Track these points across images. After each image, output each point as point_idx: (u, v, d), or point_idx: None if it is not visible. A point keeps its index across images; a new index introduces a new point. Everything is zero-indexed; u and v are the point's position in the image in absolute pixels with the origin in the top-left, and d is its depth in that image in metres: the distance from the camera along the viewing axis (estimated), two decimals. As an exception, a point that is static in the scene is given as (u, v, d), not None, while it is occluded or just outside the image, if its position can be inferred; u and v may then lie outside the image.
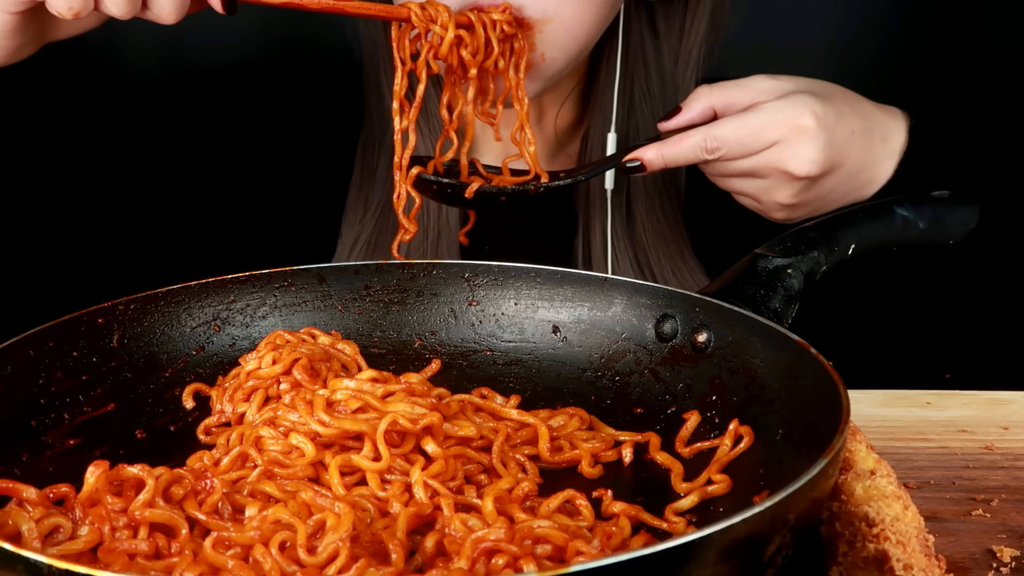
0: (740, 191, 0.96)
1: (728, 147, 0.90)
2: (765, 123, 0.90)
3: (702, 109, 0.94)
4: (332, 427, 0.64)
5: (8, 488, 0.57)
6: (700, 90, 0.95)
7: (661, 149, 0.92)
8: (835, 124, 0.91)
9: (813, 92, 0.92)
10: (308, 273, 0.82)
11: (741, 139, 0.90)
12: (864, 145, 0.93)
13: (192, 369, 0.78)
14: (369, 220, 1.11)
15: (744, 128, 0.90)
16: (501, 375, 0.79)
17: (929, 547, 0.57)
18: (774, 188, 0.93)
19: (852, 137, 0.92)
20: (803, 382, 0.65)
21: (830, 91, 0.94)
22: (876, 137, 0.94)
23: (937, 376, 0.92)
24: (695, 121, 0.94)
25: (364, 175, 1.13)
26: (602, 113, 1.11)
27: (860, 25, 0.97)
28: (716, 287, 0.78)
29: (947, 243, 0.91)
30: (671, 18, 1.11)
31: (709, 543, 0.47)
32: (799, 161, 0.90)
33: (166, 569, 0.54)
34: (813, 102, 0.90)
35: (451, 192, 0.92)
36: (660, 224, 1.12)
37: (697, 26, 1.11)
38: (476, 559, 0.53)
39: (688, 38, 1.11)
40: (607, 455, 0.69)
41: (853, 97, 0.96)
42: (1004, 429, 0.80)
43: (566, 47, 0.97)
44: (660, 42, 1.11)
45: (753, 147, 0.90)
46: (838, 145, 0.91)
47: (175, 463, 0.62)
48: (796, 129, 0.89)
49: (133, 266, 1.13)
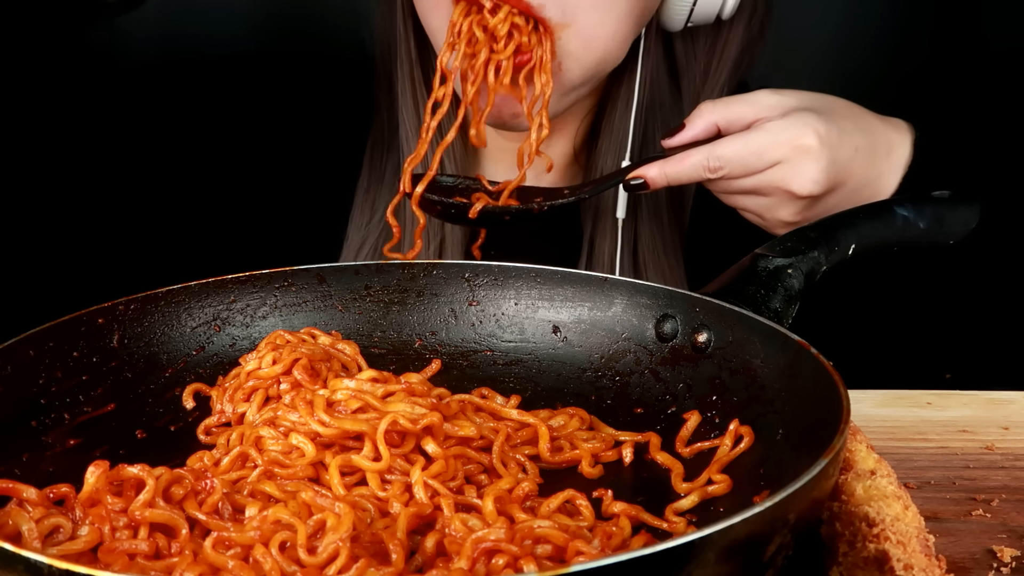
0: (743, 207, 0.96)
1: (730, 166, 0.90)
2: (768, 143, 0.90)
3: (705, 126, 0.94)
4: (332, 427, 0.64)
5: (8, 488, 0.57)
6: (703, 106, 0.94)
7: (664, 167, 0.93)
8: (838, 142, 0.91)
9: (816, 109, 0.92)
10: (308, 273, 0.82)
11: (743, 158, 0.90)
12: (868, 161, 0.93)
13: (192, 369, 0.78)
14: (375, 225, 1.10)
15: (747, 148, 0.90)
16: (501, 375, 0.79)
17: (929, 547, 0.57)
18: (777, 206, 0.93)
19: (856, 154, 0.92)
20: (803, 382, 0.65)
21: (833, 107, 0.94)
22: (880, 152, 0.94)
23: (937, 376, 0.91)
24: (699, 138, 0.94)
25: (372, 178, 1.12)
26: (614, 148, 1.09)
27: (860, 24, 0.97)
28: (716, 287, 0.78)
29: (947, 243, 0.91)
30: (694, 55, 1.09)
31: (709, 543, 0.47)
32: (802, 181, 0.90)
33: (166, 569, 0.54)
34: (816, 121, 0.90)
35: (455, 212, 0.93)
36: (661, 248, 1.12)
37: (722, 67, 1.09)
38: (476, 559, 0.53)
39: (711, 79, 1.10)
40: (607, 455, 0.69)
41: (857, 112, 0.95)
42: (1004, 429, 0.80)
43: (581, 58, 0.96)
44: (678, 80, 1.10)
45: (755, 166, 0.90)
46: (841, 163, 0.91)
47: (175, 463, 0.62)
48: (798, 149, 0.89)
49: (133, 266, 1.13)
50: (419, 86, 1.09)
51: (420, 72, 1.09)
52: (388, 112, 1.12)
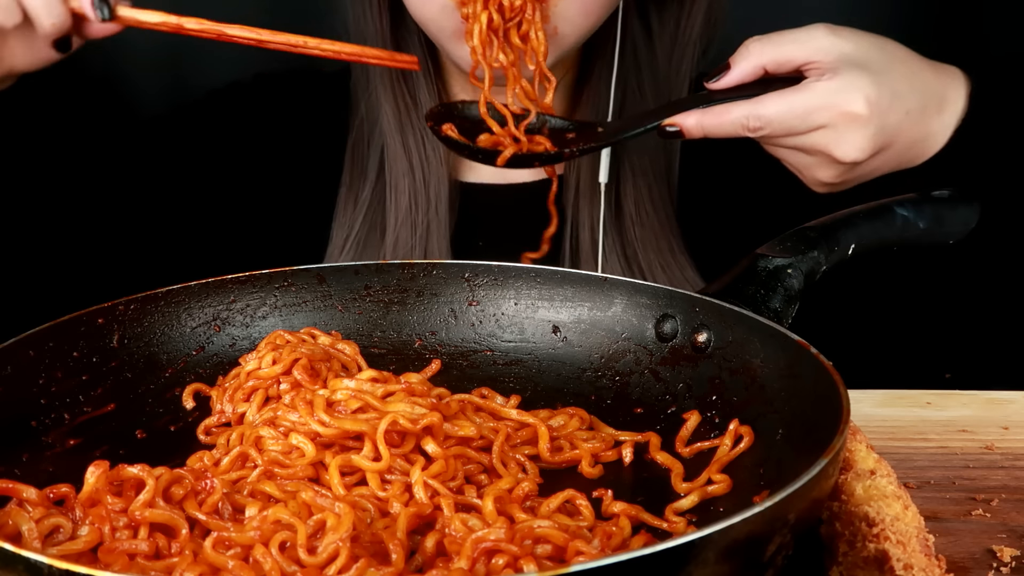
0: (783, 159, 0.92)
1: (772, 127, 0.86)
2: (814, 105, 0.84)
3: (752, 68, 0.88)
4: (332, 427, 0.64)
5: (8, 488, 0.57)
6: (751, 45, 0.88)
7: (703, 119, 0.87)
8: (888, 107, 0.86)
9: (870, 64, 0.86)
10: (308, 273, 0.82)
11: (786, 120, 0.85)
12: (918, 121, 0.88)
13: (192, 369, 0.78)
14: (358, 217, 1.11)
15: (790, 110, 0.85)
16: (501, 375, 0.79)
17: (929, 547, 0.57)
18: (817, 167, 0.88)
19: (906, 117, 0.87)
20: (803, 382, 0.65)
21: (890, 61, 0.88)
22: (931, 111, 0.89)
23: (937, 376, 0.91)
24: (744, 80, 0.88)
25: (353, 174, 1.13)
26: (593, 108, 1.10)
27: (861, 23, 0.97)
28: (716, 287, 0.78)
29: (947, 243, 0.91)
30: (665, 18, 1.10)
31: (709, 543, 0.47)
32: (846, 148, 0.85)
33: (166, 569, 0.54)
34: (868, 84, 0.85)
35: (482, 156, 0.90)
36: (650, 218, 1.10)
37: (691, 27, 1.10)
38: (476, 559, 0.53)
39: (682, 39, 1.10)
40: (607, 455, 0.69)
41: (914, 66, 0.90)
42: (1004, 429, 0.80)
43: (578, 24, 0.96)
44: (653, 41, 1.11)
45: (798, 128, 0.86)
46: (890, 129, 0.86)
47: (175, 463, 0.62)
48: (845, 116, 0.84)
49: (133, 266, 1.13)
50: (396, 81, 1.09)
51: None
52: (367, 107, 1.12)
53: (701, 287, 0.80)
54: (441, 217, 1.08)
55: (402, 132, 1.09)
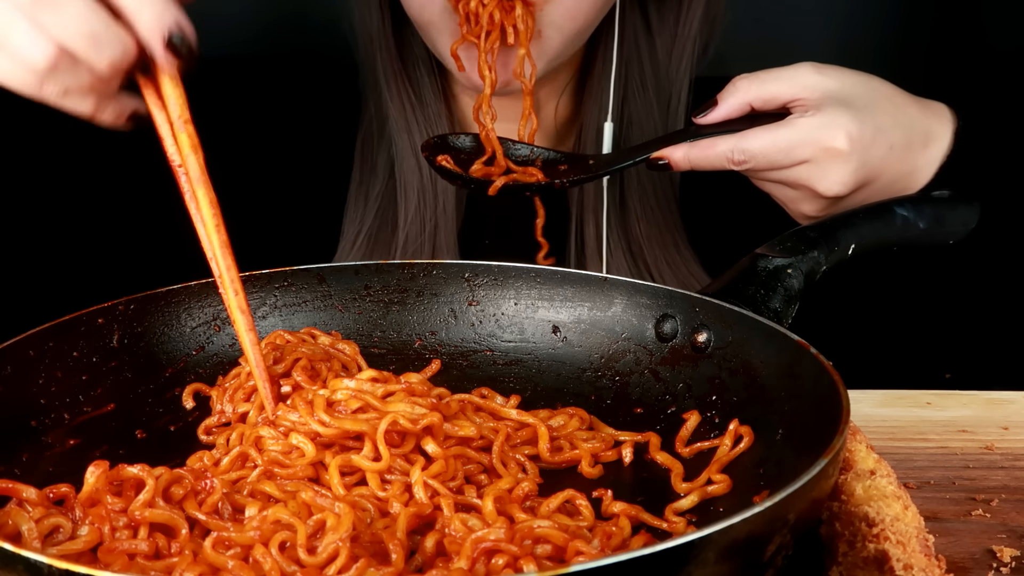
0: (769, 192, 0.94)
1: (756, 161, 0.88)
2: (796, 141, 0.87)
3: (738, 105, 0.91)
4: (332, 427, 0.64)
5: (8, 488, 0.57)
6: (739, 82, 0.91)
7: (689, 152, 0.91)
8: (871, 143, 0.88)
9: (854, 101, 0.89)
10: (308, 273, 0.82)
11: (770, 155, 0.88)
12: (902, 157, 0.91)
13: (192, 369, 0.78)
14: (370, 213, 1.11)
15: (774, 144, 0.88)
16: (501, 375, 0.79)
17: (929, 547, 0.57)
18: (801, 200, 0.91)
19: (890, 152, 0.90)
20: (803, 382, 0.65)
21: (875, 98, 0.91)
22: (916, 146, 0.91)
23: (937, 376, 0.91)
24: (731, 116, 0.91)
25: (364, 170, 1.13)
26: (597, 104, 1.11)
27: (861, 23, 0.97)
28: (716, 287, 0.78)
29: (947, 243, 0.91)
30: (664, 14, 1.11)
31: (709, 543, 0.47)
32: (828, 182, 0.88)
33: (166, 569, 0.54)
34: (849, 121, 0.87)
35: (475, 186, 0.93)
36: (654, 214, 1.11)
37: (690, 23, 1.10)
38: (476, 559, 0.53)
39: (681, 34, 1.11)
40: (607, 455, 0.69)
41: (898, 101, 0.92)
42: (1004, 429, 0.80)
43: (564, 27, 0.97)
44: (653, 37, 1.11)
45: (781, 163, 0.88)
46: (872, 164, 0.89)
47: (175, 463, 0.62)
48: (827, 151, 0.87)
49: (133, 266, 1.13)
50: (402, 78, 1.10)
51: (401, 64, 1.10)
52: (376, 105, 1.12)
53: (706, 283, 0.80)
54: (448, 215, 1.09)
55: (409, 131, 1.10)
